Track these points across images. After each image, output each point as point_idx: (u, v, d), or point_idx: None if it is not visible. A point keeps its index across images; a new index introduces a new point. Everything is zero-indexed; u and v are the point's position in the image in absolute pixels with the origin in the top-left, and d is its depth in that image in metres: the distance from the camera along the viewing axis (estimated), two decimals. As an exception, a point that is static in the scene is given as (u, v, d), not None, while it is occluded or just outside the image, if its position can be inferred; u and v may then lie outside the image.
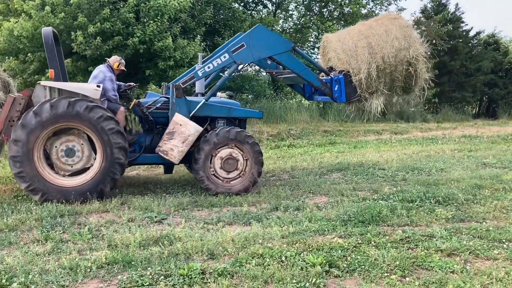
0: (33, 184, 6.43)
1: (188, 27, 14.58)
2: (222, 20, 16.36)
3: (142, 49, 12.78)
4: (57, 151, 6.66)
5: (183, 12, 13.75)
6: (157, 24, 12.79)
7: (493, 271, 4.15)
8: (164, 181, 8.34)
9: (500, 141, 14.51)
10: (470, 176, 8.48)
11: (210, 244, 4.74)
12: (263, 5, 21.00)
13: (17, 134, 6.37)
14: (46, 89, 6.82)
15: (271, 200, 6.89)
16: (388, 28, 8.00)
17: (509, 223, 5.66)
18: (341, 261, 4.36)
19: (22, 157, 6.37)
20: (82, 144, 6.72)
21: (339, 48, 8.01)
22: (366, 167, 9.71)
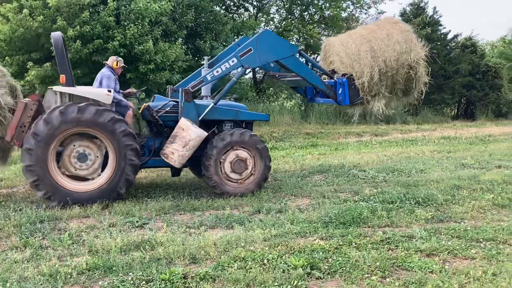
0: (49, 191, 6.44)
1: (169, 30, 14.53)
2: (204, 23, 16.33)
3: (122, 52, 12.68)
4: (71, 150, 6.69)
5: (164, 16, 13.69)
6: (138, 27, 12.72)
7: (470, 270, 4.24)
8: (145, 185, 8.29)
9: (478, 142, 14.80)
10: (449, 177, 8.62)
11: (192, 248, 4.73)
12: (244, 8, 21.05)
13: (30, 143, 6.37)
14: (57, 94, 6.83)
15: (253, 203, 6.91)
16: (390, 32, 8.18)
17: (486, 222, 5.78)
18: (323, 263, 4.39)
19: (36, 166, 6.36)
20: (97, 157, 6.78)
21: (342, 52, 8.16)
22: (347, 169, 9.79)
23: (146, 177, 9.09)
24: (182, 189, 7.96)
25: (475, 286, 3.93)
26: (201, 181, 8.42)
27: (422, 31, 22.86)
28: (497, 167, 9.88)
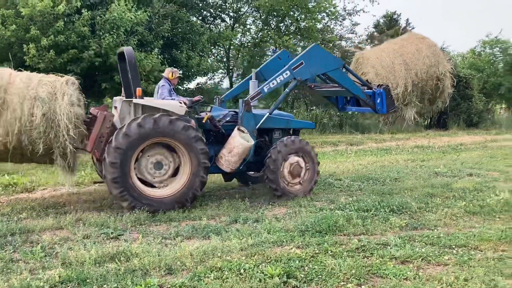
0: (133, 201, 6.73)
1: (146, 40, 14.46)
2: (180, 34, 16.30)
3: (98, 62, 12.57)
4: (147, 159, 7.02)
5: (139, 25, 13.63)
6: (113, 37, 12.63)
7: (443, 277, 4.32)
8: (121, 196, 8.18)
9: (450, 151, 15.11)
10: (423, 185, 8.78)
11: (168, 259, 4.69)
12: (221, 19, 21.14)
13: (113, 156, 6.60)
14: (131, 106, 7.17)
15: (230, 212, 6.90)
16: (419, 47, 8.97)
17: (458, 229, 5.91)
18: (299, 272, 4.42)
19: (120, 178, 6.64)
20: (170, 164, 7.13)
21: (378, 65, 8.92)
22: (323, 177, 9.86)
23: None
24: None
25: (448, 291, 4.02)
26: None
27: (395, 42, 23.39)
28: (469, 175, 10.12)
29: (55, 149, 6.67)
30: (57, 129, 6.57)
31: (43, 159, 7.00)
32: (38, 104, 6.52)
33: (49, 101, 6.59)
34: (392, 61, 8.83)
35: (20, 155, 6.81)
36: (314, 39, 20.71)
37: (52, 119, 6.55)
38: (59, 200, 7.77)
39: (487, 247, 5.18)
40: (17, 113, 6.44)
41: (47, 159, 6.92)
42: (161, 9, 15.24)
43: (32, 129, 6.49)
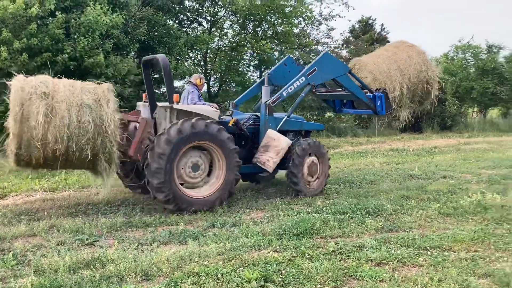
0: (178, 204, 7.01)
1: (121, 44, 14.32)
2: (157, 37, 16.18)
3: (72, 65, 12.37)
4: (186, 162, 7.29)
5: (115, 29, 13.48)
6: (88, 40, 12.46)
7: (418, 278, 4.39)
8: (96, 201, 8.05)
9: (424, 154, 15.39)
10: (398, 187, 8.93)
11: (144, 265, 4.64)
12: (198, 23, 21.06)
13: (158, 162, 6.84)
14: (167, 111, 7.48)
15: (207, 217, 6.87)
16: (410, 54, 9.82)
17: (433, 231, 6.01)
18: (276, 275, 4.42)
19: (165, 183, 6.87)
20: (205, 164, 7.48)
21: (375, 70, 9.61)
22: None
23: (97, 193, 8.84)
24: (134, 205, 7.79)
25: (423, 292, 4.08)
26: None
27: (371, 47, 23.68)
28: (443, 177, 10.32)
29: (101, 154, 6.80)
30: (104, 135, 6.73)
31: (87, 165, 7.00)
32: (86, 111, 6.65)
33: (95, 107, 6.74)
34: (388, 67, 9.56)
35: (65, 161, 6.76)
36: (291, 44, 20.84)
37: (99, 125, 6.70)
38: (32, 207, 7.60)
39: (460, 248, 5.28)
40: (66, 120, 6.51)
41: (91, 164, 6.95)
42: (137, 12, 15.11)
43: (80, 136, 6.59)
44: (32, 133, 6.31)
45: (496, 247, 5.31)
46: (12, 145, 6.33)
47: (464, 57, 28.61)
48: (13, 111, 6.31)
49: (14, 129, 6.26)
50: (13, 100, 6.36)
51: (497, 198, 7.56)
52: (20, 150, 6.36)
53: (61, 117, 6.49)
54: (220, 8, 20.64)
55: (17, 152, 6.37)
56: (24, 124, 6.30)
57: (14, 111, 6.29)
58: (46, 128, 6.38)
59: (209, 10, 20.53)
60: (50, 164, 6.75)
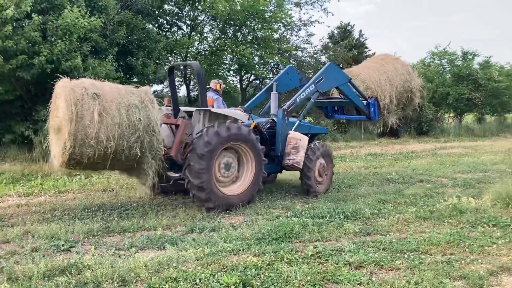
0: (216, 202, 7.42)
1: (100, 47, 14.15)
2: (136, 41, 16.06)
3: (49, 68, 12.16)
4: (220, 162, 7.74)
5: (93, 32, 13.31)
6: (66, 43, 12.28)
7: (395, 281, 4.44)
8: (72, 207, 7.93)
9: (402, 158, 15.61)
10: (376, 191, 9.02)
11: (122, 271, 4.58)
12: (177, 27, 20.97)
13: (200, 163, 7.27)
14: (201, 114, 7.90)
15: (186, 222, 6.83)
16: (396, 66, 10.93)
17: (410, 234, 6.09)
18: (255, 280, 4.42)
19: (206, 183, 7.30)
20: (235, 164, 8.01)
21: (368, 80, 10.57)
22: (279, 185, 9.96)
23: (74, 198, 8.71)
24: (112, 210, 7.70)
25: (399, 295, 4.12)
26: (133, 201, 8.24)
27: (349, 52, 23.96)
28: (420, 181, 10.48)
29: (148, 153, 7.05)
30: (152, 133, 7.02)
31: (133, 163, 7.15)
32: (134, 111, 6.91)
33: (141, 108, 7.02)
34: (379, 78, 10.60)
35: (114, 159, 6.89)
36: (271, 49, 20.93)
37: (147, 124, 6.96)
38: (6, 212, 7.44)
39: (436, 251, 5.37)
40: (116, 119, 6.71)
41: (137, 163, 7.12)
42: (116, 15, 14.98)
43: (130, 134, 6.81)
44: (87, 132, 6.47)
45: (471, 250, 5.41)
46: (68, 144, 6.39)
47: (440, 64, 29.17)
48: (68, 111, 6.39)
49: (70, 128, 6.35)
50: (67, 100, 6.44)
51: (472, 201, 7.71)
52: (74, 148, 6.45)
53: (112, 116, 6.69)
54: (200, 12, 20.62)
55: (71, 151, 6.44)
56: (79, 123, 6.43)
57: (70, 110, 6.37)
58: (99, 127, 6.55)
59: (189, 14, 20.50)
60: (98, 163, 6.86)
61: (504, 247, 5.52)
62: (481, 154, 16.83)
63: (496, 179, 10.49)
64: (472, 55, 28.28)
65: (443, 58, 28.78)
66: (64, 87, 6.65)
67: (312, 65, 22.60)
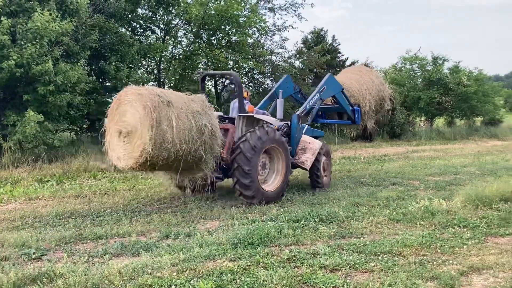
0: (259, 199, 8.39)
1: (71, 51, 13.91)
2: (109, 45, 15.84)
3: (19, 72, 11.90)
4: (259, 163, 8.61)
5: (65, 36, 13.08)
6: (36, 47, 12.04)
7: (370, 283, 4.50)
8: (44, 214, 7.75)
9: (375, 162, 15.85)
10: (350, 194, 9.14)
11: (95, 278, 4.50)
12: (151, 31, 20.78)
13: (248, 165, 8.23)
14: (241, 119, 8.88)
15: (161, 228, 6.76)
16: (371, 78, 12.45)
17: (383, 237, 6.18)
18: (231, 285, 4.41)
19: (252, 182, 8.28)
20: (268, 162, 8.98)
21: (352, 89, 11.80)
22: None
23: (46, 205, 8.52)
24: (85, 217, 7.57)
25: (374, 297, 4.17)
26: (106, 208, 8.13)
27: (322, 57, 24.19)
28: (392, 184, 10.67)
29: (210, 154, 7.81)
30: (213, 137, 7.77)
31: (196, 164, 7.81)
32: (200, 117, 7.60)
33: (203, 114, 7.72)
34: (360, 87, 12.01)
35: (181, 161, 7.46)
36: (245, 53, 20.95)
37: (210, 129, 7.68)
38: (-26, 220, 7.23)
39: (409, 252, 5.46)
40: (187, 124, 7.37)
41: (195, 164, 7.79)
42: (88, 19, 14.76)
43: (197, 138, 7.47)
44: (164, 136, 7.04)
45: (442, 251, 5.53)
46: (148, 147, 6.89)
47: (412, 68, 29.75)
48: (147, 117, 6.93)
49: (151, 133, 6.90)
50: (146, 107, 6.97)
51: (443, 204, 7.89)
52: (153, 151, 6.96)
53: (183, 122, 7.34)
54: (173, 16, 20.47)
55: (151, 154, 6.93)
56: (158, 128, 6.95)
57: (149, 117, 6.91)
58: (174, 132, 7.15)
59: (163, 18, 20.32)
60: (169, 164, 7.46)
61: (474, 247, 5.66)
62: (452, 157, 17.24)
63: (466, 181, 10.76)
64: (442, 60, 28.95)
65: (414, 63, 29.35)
66: (140, 94, 7.15)
67: (286, 69, 22.71)
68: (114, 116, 7.42)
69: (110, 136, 7.47)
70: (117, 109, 7.39)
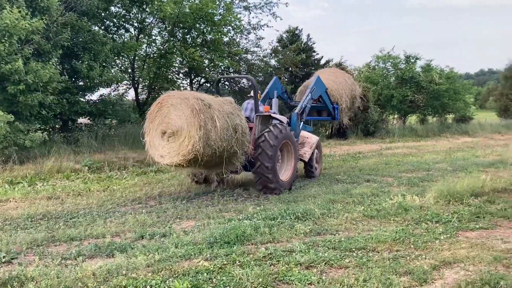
0: (275, 184, 9.34)
1: (43, 50, 13.61)
2: (81, 43, 15.55)
3: (-13, 71, 11.58)
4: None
5: (35, 34, 12.81)
6: (5, 45, 11.74)
7: (345, 279, 4.55)
8: (15, 216, 7.57)
9: (349, 159, 16.02)
10: (325, 191, 9.22)
11: (68, 281, 4.43)
12: (125, 29, 20.49)
13: (269, 161, 9.24)
14: (257, 118, 9.71)
15: (136, 228, 6.69)
16: (345, 78, 13.78)
17: (358, 233, 6.26)
18: (207, 284, 4.40)
19: (273, 175, 9.27)
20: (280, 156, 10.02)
21: (331, 89, 12.85)
22: (232, 188, 9.96)
23: (17, 207, 8.32)
24: (58, 218, 7.43)
25: (349, 292, 4.22)
26: (80, 209, 8.00)
27: (297, 56, 24.30)
28: (367, 181, 10.80)
29: (241, 150, 8.72)
30: (244, 135, 8.74)
31: (229, 159, 8.64)
32: (234, 118, 8.54)
33: (235, 115, 8.62)
34: (337, 87, 13.16)
35: (218, 156, 8.32)
36: (221, 52, 20.88)
37: (242, 128, 8.66)
38: None
39: (383, 248, 5.55)
40: (225, 124, 8.22)
41: (228, 160, 8.60)
42: (60, 17, 14.46)
43: (232, 136, 8.40)
44: (209, 135, 7.91)
45: (416, 246, 5.64)
46: (197, 145, 7.73)
47: (385, 67, 30.19)
48: (194, 119, 7.82)
49: (200, 133, 7.75)
50: (193, 110, 7.85)
51: (416, 199, 8.03)
52: (201, 149, 7.77)
53: (222, 122, 8.17)
54: (148, 14, 20.24)
55: (199, 152, 7.76)
56: (205, 128, 7.82)
57: (197, 119, 7.81)
58: (216, 131, 8.01)
59: (137, 16, 20.06)
60: (209, 160, 8.24)
61: (446, 242, 5.79)
62: (424, 154, 17.57)
63: (438, 178, 10.99)
64: (414, 59, 29.47)
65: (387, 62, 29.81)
66: (186, 98, 8.03)
67: (262, 68, 22.73)
68: (155, 118, 8.27)
69: (151, 136, 8.32)
70: (158, 112, 8.24)
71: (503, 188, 9.02)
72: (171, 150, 8.03)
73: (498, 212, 7.28)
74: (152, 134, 8.30)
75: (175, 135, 8.02)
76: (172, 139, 8.05)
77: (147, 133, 8.40)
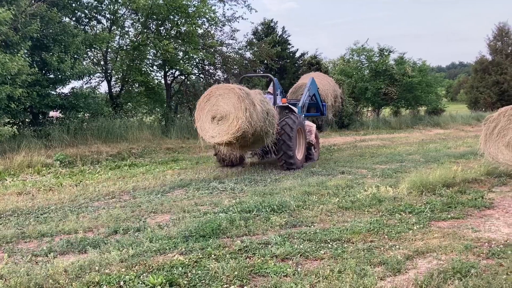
0: (294, 160, 11.52)
1: (11, 41, 13.21)
2: (51, 35, 15.15)
3: (-49, 64, 11.19)
4: None
5: (2, 25, 12.42)
6: (-29, 36, 11.35)
7: (320, 270, 4.56)
8: (-17, 213, 7.35)
9: (324, 151, 16.15)
10: (300, 184, 9.25)
11: (39, 278, 4.31)
12: (97, 21, 20.07)
13: (291, 133, 11.44)
14: (277, 108, 11.92)
15: (109, 223, 6.57)
16: (327, 81, 16.28)
17: (333, 224, 6.30)
18: (182, 278, 4.35)
19: (293, 145, 11.50)
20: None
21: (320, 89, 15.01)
22: (207, 181, 9.91)
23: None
24: (28, 214, 7.24)
25: (324, 284, 4.24)
26: (51, 204, 7.81)
27: (273, 49, 24.29)
28: (341, 173, 10.90)
29: (271, 130, 10.71)
30: (273, 118, 10.76)
31: (263, 138, 10.66)
32: (265, 104, 10.55)
33: (265, 102, 10.68)
34: (323, 88, 15.46)
35: (256, 136, 10.30)
36: (195, 44, 20.69)
37: (272, 112, 10.75)
38: None
39: (358, 239, 5.59)
40: (260, 109, 10.14)
41: (261, 139, 10.66)
42: (28, 7, 14.05)
43: (266, 119, 10.31)
44: (252, 116, 9.86)
45: (390, 237, 5.70)
46: (244, 125, 9.74)
47: (359, 60, 30.47)
48: (241, 104, 9.84)
49: (247, 114, 9.77)
50: (240, 97, 9.89)
51: (390, 191, 8.14)
52: (246, 128, 9.75)
53: (258, 108, 10.09)
54: (120, 6, 19.86)
55: (244, 130, 9.75)
56: (249, 111, 9.80)
57: (243, 104, 9.83)
58: (256, 114, 9.98)
59: (109, 7, 19.66)
60: (249, 137, 10.11)
61: (419, 232, 5.88)
62: (398, 146, 17.85)
63: (411, 169, 11.16)
64: (388, 52, 29.83)
65: (361, 54, 30.09)
66: (232, 88, 10.08)
67: (237, 61, 22.63)
68: (204, 107, 10.21)
69: (202, 122, 10.23)
70: (207, 102, 10.18)
71: (473, 179, 9.23)
72: (221, 131, 9.93)
73: (469, 202, 7.43)
74: (203, 120, 10.21)
75: (223, 118, 9.96)
76: (222, 122, 9.98)
77: (197, 120, 10.29)
